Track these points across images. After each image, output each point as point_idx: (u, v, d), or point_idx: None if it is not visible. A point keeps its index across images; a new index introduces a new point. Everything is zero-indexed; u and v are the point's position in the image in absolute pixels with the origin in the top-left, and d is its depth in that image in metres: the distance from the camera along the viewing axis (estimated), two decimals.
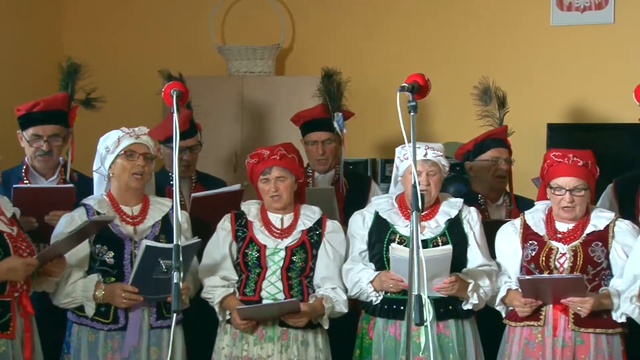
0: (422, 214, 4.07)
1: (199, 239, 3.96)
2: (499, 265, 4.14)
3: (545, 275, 3.96)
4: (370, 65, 6.09)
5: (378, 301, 4.08)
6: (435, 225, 4.10)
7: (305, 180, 4.38)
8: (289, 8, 6.32)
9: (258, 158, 4.11)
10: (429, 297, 3.81)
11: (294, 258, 4.05)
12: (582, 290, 3.87)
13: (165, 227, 4.05)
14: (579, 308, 3.87)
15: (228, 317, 4.04)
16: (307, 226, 4.11)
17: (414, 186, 3.09)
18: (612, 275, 4.00)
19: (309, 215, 4.15)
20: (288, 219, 4.13)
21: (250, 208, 4.16)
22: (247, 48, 6.10)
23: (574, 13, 5.76)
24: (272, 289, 4.03)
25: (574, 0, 5.75)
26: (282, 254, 4.05)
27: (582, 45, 5.74)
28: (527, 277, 3.94)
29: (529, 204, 4.39)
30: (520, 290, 3.96)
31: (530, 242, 4.06)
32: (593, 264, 3.95)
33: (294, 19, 6.32)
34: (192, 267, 4.08)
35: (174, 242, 3.25)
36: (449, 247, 3.93)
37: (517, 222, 4.16)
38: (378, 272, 4.07)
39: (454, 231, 4.10)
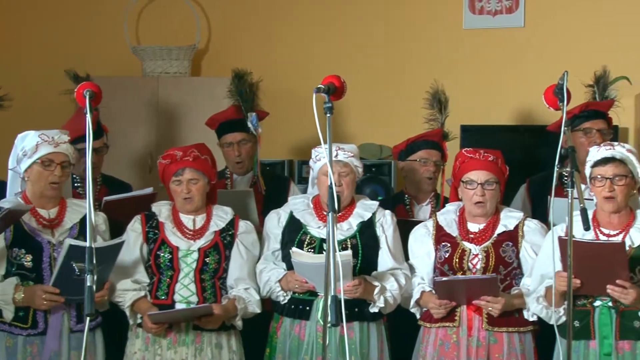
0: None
1: (123, 239, 3.90)
2: (412, 267, 4.16)
3: (460, 276, 4.00)
4: (287, 66, 6.08)
5: (285, 301, 4.08)
6: (347, 227, 4.10)
7: (217, 181, 4.34)
8: (204, 8, 6.26)
9: (170, 159, 4.05)
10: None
11: (207, 260, 4.01)
12: (495, 290, 3.92)
13: (83, 229, 3.93)
14: (490, 308, 3.92)
15: (139, 320, 3.97)
16: (220, 227, 4.07)
17: (330, 187, 3.09)
18: (522, 275, 4.06)
19: (221, 216, 4.11)
20: (200, 220, 4.09)
21: (161, 209, 4.10)
22: (162, 48, 6.03)
23: (486, 16, 5.83)
24: (185, 291, 3.98)
25: (486, 4, 5.83)
26: (195, 255, 4.01)
27: (493, 48, 5.82)
28: (443, 278, 3.97)
29: None
30: (434, 291, 3.99)
31: (443, 243, 4.09)
32: (504, 264, 4.01)
33: (209, 19, 6.27)
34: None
35: (87, 244, 3.19)
36: (348, 252, 3.92)
37: (430, 223, 4.18)
38: (286, 272, 4.07)
39: (366, 233, 4.10)
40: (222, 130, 4.84)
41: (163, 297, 3.98)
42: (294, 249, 3.99)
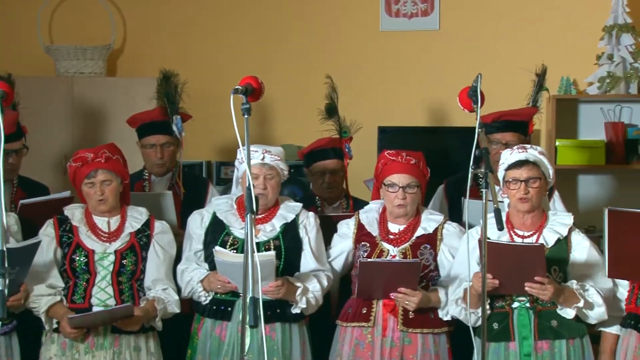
0: (259, 217, 4.08)
1: (39, 239, 3.83)
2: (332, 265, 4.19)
3: (385, 259, 4.02)
4: (204, 66, 6.03)
5: (207, 301, 4.06)
6: (271, 228, 4.11)
7: (135, 183, 4.29)
8: (119, 8, 6.17)
9: (82, 161, 3.99)
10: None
11: (124, 262, 3.97)
12: (415, 277, 3.94)
13: None
14: (407, 302, 3.95)
15: (55, 325, 3.89)
16: (135, 228, 4.04)
17: (248, 189, 3.09)
18: (439, 277, 4.11)
19: (136, 217, 4.07)
20: (115, 221, 4.04)
21: (74, 212, 4.04)
22: (77, 48, 5.92)
23: (402, 19, 5.89)
24: (102, 294, 3.93)
25: (402, 7, 5.88)
26: (112, 258, 3.96)
27: (410, 50, 5.88)
28: (368, 260, 3.99)
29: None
30: (357, 273, 3.98)
31: (362, 243, 4.13)
32: (422, 267, 4.03)
33: (125, 19, 6.18)
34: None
35: None
36: (272, 253, 3.92)
37: (352, 222, 4.22)
38: (208, 272, 4.05)
39: (289, 235, 4.11)
40: (145, 131, 4.76)
41: (80, 301, 3.92)
42: (217, 247, 3.97)
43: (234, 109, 3.07)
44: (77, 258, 3.94)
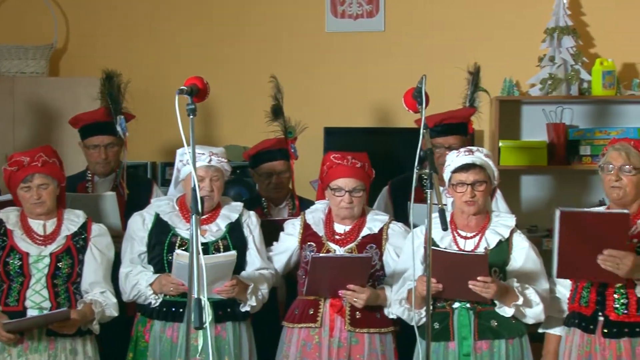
0: (203, 217, 4.07)
1: None
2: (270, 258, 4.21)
3: (337, 254, 4.04)
4: (149, 67, 5.99)
5: (157, 304, 4.03)
6: (217, 228, 4.10)
7: (78, 184, 4.24)
8: (62, 7, 6.10)
9: (17, 165, 3.94)
10: (209, 299, 3.78)
11: (59, 264, 3.93)
12: (365, 273, 3.96)
13: None
14: (355, 299, 3.97)
15: None
16: (72, 231, 4.00)
17: (194, 190, 3.07)
18: (385, 276, 4.13)
19: (73, 219, 4.04)
20: (51, 224, 4.00)
21: (9, 216, 3.99)
22: (18, 47, 5.83)
23: (347, 20, 5.90)
24: (37, 297, 3.88)
25: (347, 8, 5.90)
26: (47, 260, 3.92)
27: (355, 51, 5.90)
28: (320, 254, 4.01)
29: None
30: (308, 269, 3.98)
31: (309, 243, 4.14)
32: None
33: (67, 18, 6.10)
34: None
35: None
36: (233, 252, 3.94)
37: (298, 222, 4.22)
38: (158, 274, 4.02)
39: (234, 235, 4.11)
40: (89, 131, 4.71)
41: (13, 304, 3.86)
42: (179, 251, 3.92)
43: (179, 109, 3.05)
44: (11, 261, 3.88)
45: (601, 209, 3.94)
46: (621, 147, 3.75)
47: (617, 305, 3.70)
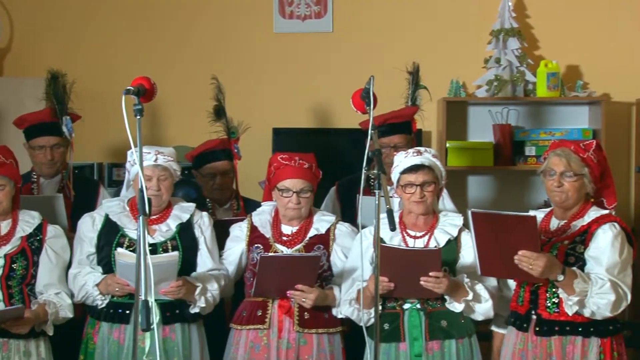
0: (153, 217, 4.05)
1: None
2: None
3: (285, 253, 4.04)
4: (96, 67, 5.93)
5: (104, 305, 4.01)
6: (166, 229, 4.08)
7: (23, 185, 4.18)
8: (5, 5, 6.01)
9: None
10: (156, 301, 3.81)
11: (13, 266, 3.89)
12: (314, 271, 3.97)
13: None
14: (303, 299, 3.97)
15: None
16: (27, 232, 3.96)
17: (141, 190, 3.05)
18: (332, 277, 4.14)
19: (28, 220, 4.00)
20: (5, 225, 3.95)
21: None
22: None
23: (295, 21, 5.90)
24: None
25: (295, 9, 5.90)
26: (1, 262, 3.87)
27: (303, 52, 5.90)
28: (269, 254, 4.00)
29: (257, 206, 4.45)
30: (257, 269, 3.96)
31: (256, 245, 4.13)
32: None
33: (12, 17, 6.02)
34: None
35: None
36: (176, 253, 3.92)
37: (244, 224, 4.21)
38: (104, 275, 3.99)
39: (185, 235, 4.09)
40: (34, 132, 4.65)
41: None
42: (119, 249, 3.91)
43: (126, 109, 3.02)
44: None
45: (538, 211, 4.00)
46: (562, 153, 3.80)
47: (549, 304, 3.75)
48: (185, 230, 4.10)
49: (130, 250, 3.95)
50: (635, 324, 4.83)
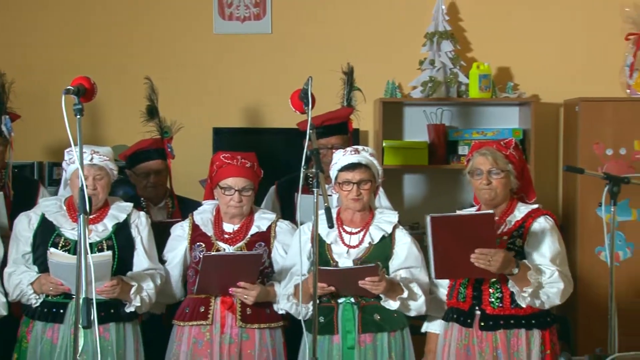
0: (90, 217, 4.00)
1: None
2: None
3: (227, 252, 4.04)
4: (35, 66, 5.84)
5: (38, 304, 3.97)
6: (103, 228, 4.04)
7: None
8: None
9: None
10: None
11: None
12: (255, 270, 3.98)
13: None
14: (245, 296, 3.98)
15: None
16: None
17: (81, 189, 3.01)
18: (274, 273, 4.15)
19: None
20: None
21: None
22: None
23: (235, 22, 5.88)
24: None
25: (235, 10, 5.87)
26: None
27: (243, 52, 5.88)
28: (212, 253, 4.00)
29: (192, 204, 4.52)
30: (200, 268, 3.96)
31: (198, 243, 4.12)
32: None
33: None
34: None
35: None
36: (109, 253, 3.90)
37: (186, 223, 4.20)
38: (39, 274, 3.95)
39: (121, 235, 4.06)
40: None
41: None
42: (52, 249, 3.87)
43: (66, 109, 2.99)
44: None
45: (472, 210, 4.04)
46: (487, 152, 3.86)
47: (493, 300, 3.81)
48: (122, 229, 4.06)
49: (65, 250, 3.92)
50: (562, 317, 4.92)
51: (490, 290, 3.81)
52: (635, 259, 5.34)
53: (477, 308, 3.83)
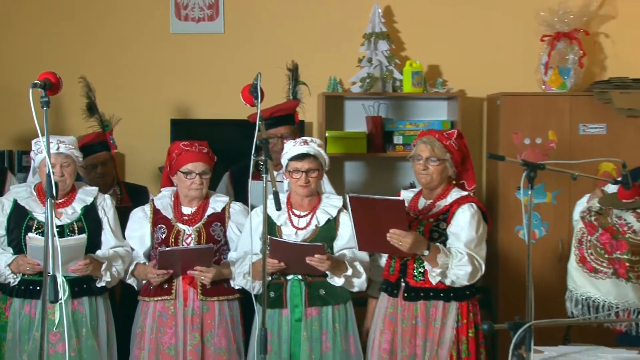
0: (59, 201, 3.98)
1: None
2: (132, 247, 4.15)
3: (181, 247, 4.03)
4: (4, 60, 5.71)
5: (16, 283, 3.93)
6: (72, 211, 4.02)
7: None
8: None
9: None
10: (65, 277, 3.80)
11: None
12: (209, 259, 3.98)
13: None
14: (202, 278, 3.98)
15: None
16: None
17: (48, 175, 2.98)
18: (229, 250, 4.14)
19: None
20: None
21: None
22: None
23: (190, 23, 5.82)
24: None
25: (190, 12, 5.82)
26: None
27: (198, 51, 5.83)
28: (166, 248, 3.98)
29: (138, 190, 4.60)
30: (157, 260, 3.96)
31: (159, 225, 4.10)
32: (214, 242, 4.08)
33: None
34: None
35: None
36: (83, 236, 3.89)
37: (147, 207, 4.18)
38: (16, 255, 3.92)
39: (89, 217, 4.04)
40: None
41: None
42: (30, 234, 3.85)
43: (33, 101, 2.95)
44: None
45: (409, 191, 4.07)
46: (427, 141, 3.89)
47: (416, 274, 3.85)
48: (90, 212, 4.05)
49: (39, 232, 3.89)
50: (485, 289, 4.98)
51: (415, 265, 3.85)
52: (550, 236, 5.42)
53: (402, 280, 3.87)
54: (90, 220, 4.03)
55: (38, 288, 3.90)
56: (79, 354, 3.91)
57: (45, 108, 3.01)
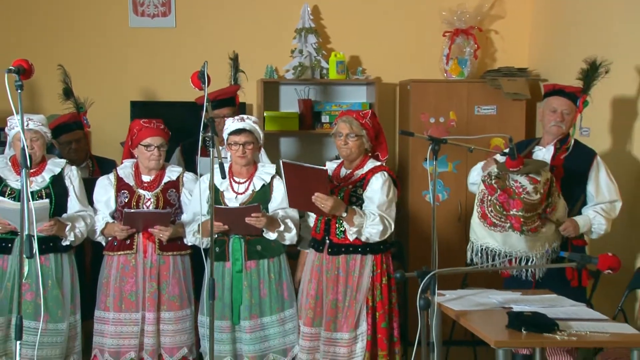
0: (31, 171, 3.91)
1: None
2: (96, 209, 4.11)
3: (143, 210, 4.01)
4: None
5: None
6: (41, 180, 3.97)
7: None
8: None
9: None
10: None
11: None
12: (167, 222, 3.97)
13: None
14: (161, 235, 3.98)
15: None
16: None
17: (22, 149, 2.93)
18: (182, 212, 4.13)
19: None
20: None
21: None
22: None
23: (146, 18, 5.73)
24: None
25: (146, 8, 5.72)
26: None
27: (154, 43, 5.75)
28: (131, 210, 3.96)
29: (107, 162, 4.55)
30: (122, 220, 3.94)
31: (123, 191, 4.06)
32: (170, 205, 4.07)
33: None
34: None
35: None
36: (47, 200, 3.84)
37: (112, 176, 4.13)
38: None
39: (57, 185, 3.99)
40: None
41: None
42: (1, 198, 3.78)
43: (9, 85, 2.89)
44: None
45: (331, 162, 4.10)
46: (346, 120, 3.93)
47: (338, 232, 3.91)
48: (57, 180, 4.00)
49: (11, 198, 3.84)
50: (398, 243, 5.07)
51: (337, 224, 3.90)
52: (451, 199, 5.52)
53: (327, 238, 3.92)
54: (57, 187, 3.98)
55: (9, 245, 3.86)
56: (45, 302, 3.85)
57: (19, 91, 2.97)
